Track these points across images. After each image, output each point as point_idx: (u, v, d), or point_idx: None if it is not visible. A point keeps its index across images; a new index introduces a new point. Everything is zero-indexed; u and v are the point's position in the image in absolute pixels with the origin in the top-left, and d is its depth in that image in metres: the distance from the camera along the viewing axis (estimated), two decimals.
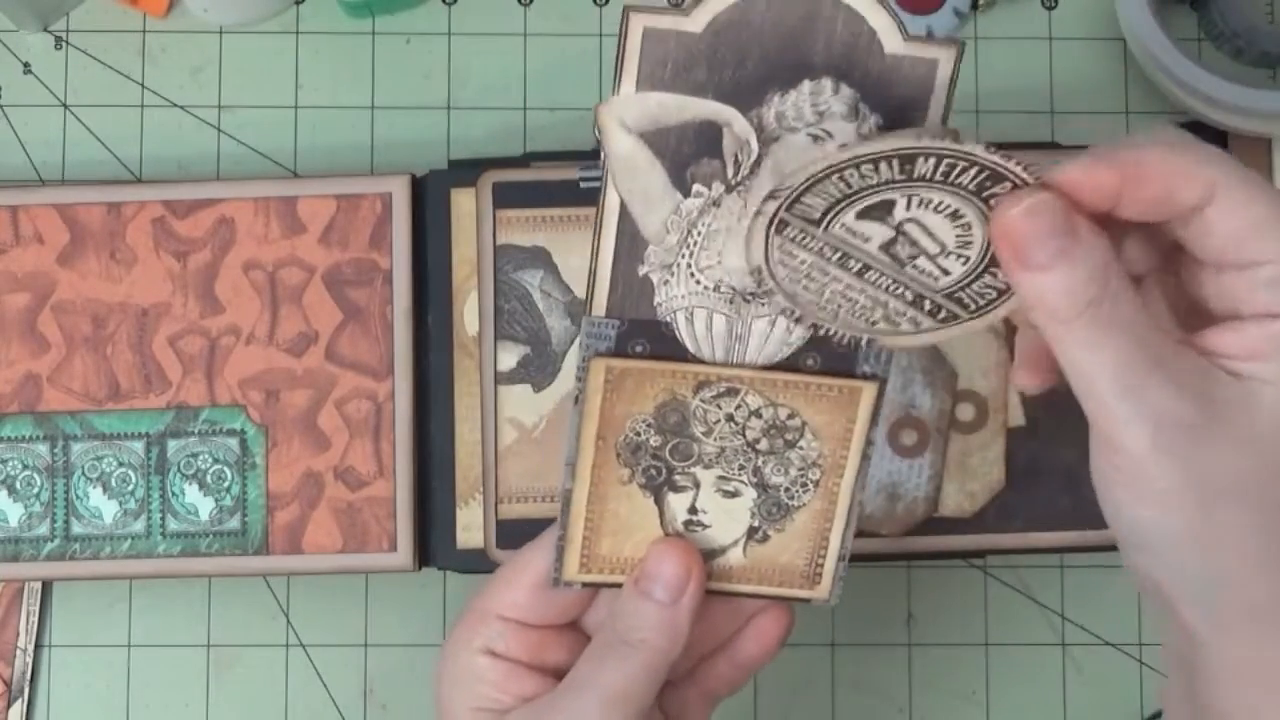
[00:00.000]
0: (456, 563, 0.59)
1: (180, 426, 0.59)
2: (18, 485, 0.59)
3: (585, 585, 0.44)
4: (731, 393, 0.42)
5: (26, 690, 0.61)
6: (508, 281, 0.58)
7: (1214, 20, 0.63)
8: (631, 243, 0.41)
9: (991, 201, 0.37)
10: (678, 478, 0.43)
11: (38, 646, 0.61)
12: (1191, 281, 0.38)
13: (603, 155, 0.40)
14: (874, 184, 0.37)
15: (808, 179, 0.37)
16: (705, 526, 0.44)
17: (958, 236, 0.38)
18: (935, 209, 0.38)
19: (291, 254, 0.59)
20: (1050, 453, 0.57)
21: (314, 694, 0.62)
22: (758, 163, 0.40)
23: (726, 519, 0.43)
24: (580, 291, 0.58)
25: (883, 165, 0.37)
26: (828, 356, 0.42)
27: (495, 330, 0.58)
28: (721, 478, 0.43)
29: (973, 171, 0.36)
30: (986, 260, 0.38)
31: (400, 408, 0.59)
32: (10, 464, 0.59)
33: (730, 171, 0.40)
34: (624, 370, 0.41)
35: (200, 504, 0.58)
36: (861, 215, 0.38)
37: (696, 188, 0.40)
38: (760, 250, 0.39)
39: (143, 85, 0.64)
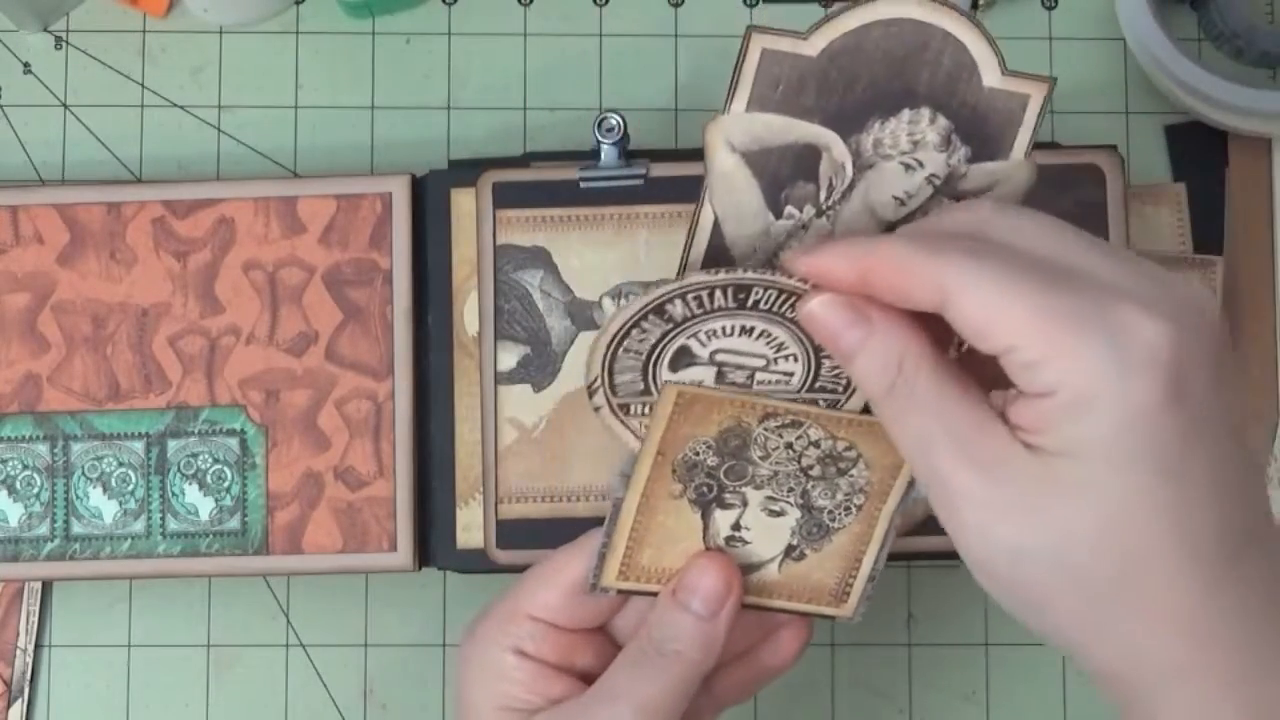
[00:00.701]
0: (456, 563, 0.58)
1: (180, 426, 0.59)
2: (18, 485, 0.59)
3: (621, 592, 0.44)
4: (795, 425, 0.42)
5: (26, 690, 0.61)
6: (508, 281, 0.58)
7: (1214, 20, 0.63)
8: (718, 259, 0.42)
9: (762, 305, 0.41)
10: (728, 496, 0.44)
11: (38, 646, 0.61)
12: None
13: (705, 169, 0.41)
14: (653, 342, 0.42)
15: (602, 362, 0.42)
16: (746, 543, 0.44)
17: (767, 344, 0.42)
18: (725, 334, 0.42)
19: (291, 254, 0.59)
20: None
21: (314, 694, 0.62)
22: (850, 188, 0.41)
23: (767, 536, 0.44)
24: (580, 292, 0.58)
25: (645, 322, 0.41)
26: None
27: (495, 330, 0.58)
28: (769, 498, 0.44)
29: (719, 293, 0.41)
30: (811, 346, 0.42)
31: (400, 408, 0.59)
32: (10, 464, 0.59)
33: (823, 195, 0.41)
34: (695, 396, 0.42)
35: (200, 504, 0.58)
36: (673, 367, 0.42)
37: (789, 210, 0.41)
38: (628, 434, 0.44)
39: (143, 85, 0.64)
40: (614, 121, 0.57)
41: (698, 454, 0.43)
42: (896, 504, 0.44)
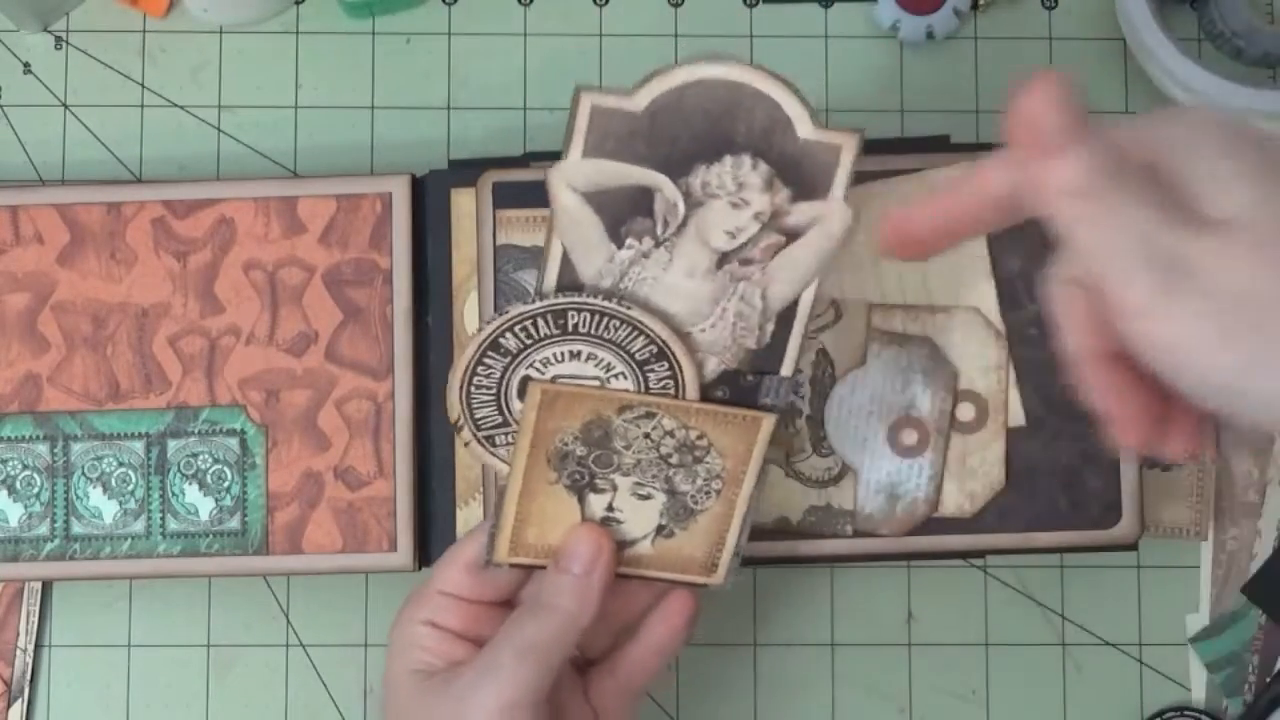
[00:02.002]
0: None
1: (180, 426, 0.59)
2: (18, 485, 0.59)
3: (513, 565, 0.50)
4: (649, 415, 0.47)
5: (26, 690, 0.61)
6: (508, 281, 0.58)
7: (1214, 20, 0.63)
8: (571, 287, 0.48)
9: (582, 330, 0.47)
10: (599, 482, 0.49)
11: (38, 646, 0.61)
12: None
13: (550, 209, 0.46)
14: (498, 375, 0.49)
15: (459, 402, 0.49)
16: (620, 522, 0.50)
17: (596, 366, 0.48)
18: (556, 360, 0.48)
19: (291, 254, 0.59)
20: (1050, 453, 0.57)
21: (314, 694, 0.62)
22: (683, 223, 0.47)
23: (638, 517, 0.50)
24: None
25: (485, 359, 0.48)
26: (735, 390, 0.48)
27: None
28: (637, 484, 0.49)
29: (542, 321, 0.47)
30: (635, 364, 0.48)
31: (400, 408, 0.59)
32: (10, 464, 0.59)
33: (660, 228, 0.47)
34: (556, 393, 0.47)
35: (200, 504, 0.58)
36: (521, 397, 0.48)
37: (629, 241, 0.47)
38: (498, 464, 0.50)
39: (143, 85, 0.64)
40: None
41: (566, 444, 0.48)
42: (752, 489, 0.49)
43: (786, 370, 0.48)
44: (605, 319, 0.47)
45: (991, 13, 0.64)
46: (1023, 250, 0.57)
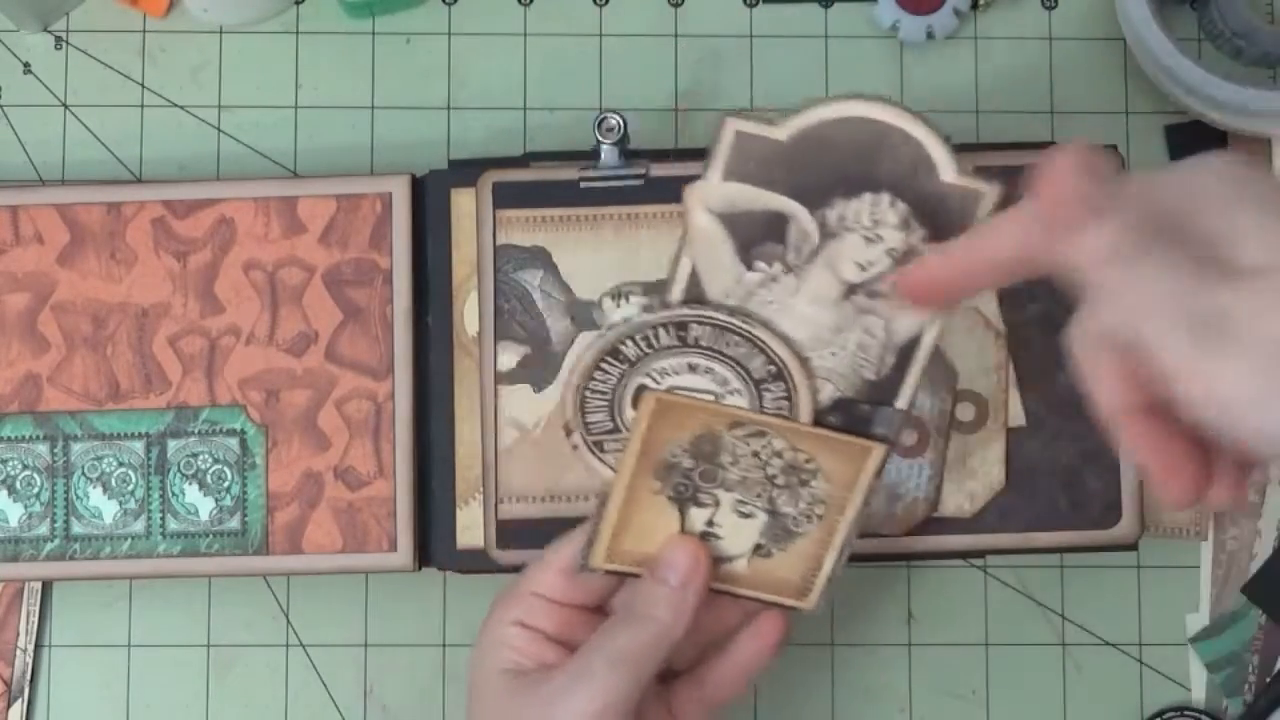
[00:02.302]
0: (456, 563, 0.59)
1: (180, 426, 0.59)
2: (18, 485, 0.59)
3: (607, 572, 0.49)
4: (760, 434, 0.47)
5: (26, 690, 0.61)
6: (508, 281, 0.58)
7: (1214, 20, 0.63)
8: (695, 300, 0.47)
9: (702, 343, 0.47)
10: (702, 495, 0.48)
11: (38, 646, 0.61)
12: None
13: (683, 227, 0.47)
14: (615, 381, 0.48)
15: (574, 404, 0.49)
16: (719, 538, 0.49)
17: (713, 380, 0.47)
18: (674, 372, 0.48)
19: (291, 254, 0.59)
20: (1050, 453, 0.57)
21: (314, 694, 0.62)
22: (815, 252, 0.46)
23: (737, 535, 0.49)
24: (580, 292, 0.58)
25: (604, 364, 0.48)
26: (849, 417, 0.47)
27: (495, 330, 0.58)
28: (740, 501, 0.48)
29: (663, 332, 0.47)
30: (752, 382, 0.47)
31: (400, 408, 0.59)
32: (10, 464, 0.59)
33: (791, 255, 0.46)
34: (670, 403, 0.47)
35: (200, 504, 0.58)
36: (635, 405, 0.48)
37: (759, 264, 0.46)
38: (604, 470, 0.49)
39: (143, 85, 0.64)
40: (614, 121, 0.57)
41: (674, 456, 0.48)
42: (854, 517, 0.48)
43: (902, 403, 0.48)
44: (726, 334, 0.47)
45: (991, 13, 0.64)
46: None
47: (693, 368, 0.48)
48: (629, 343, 0.47)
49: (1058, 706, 0.62)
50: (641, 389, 0.48)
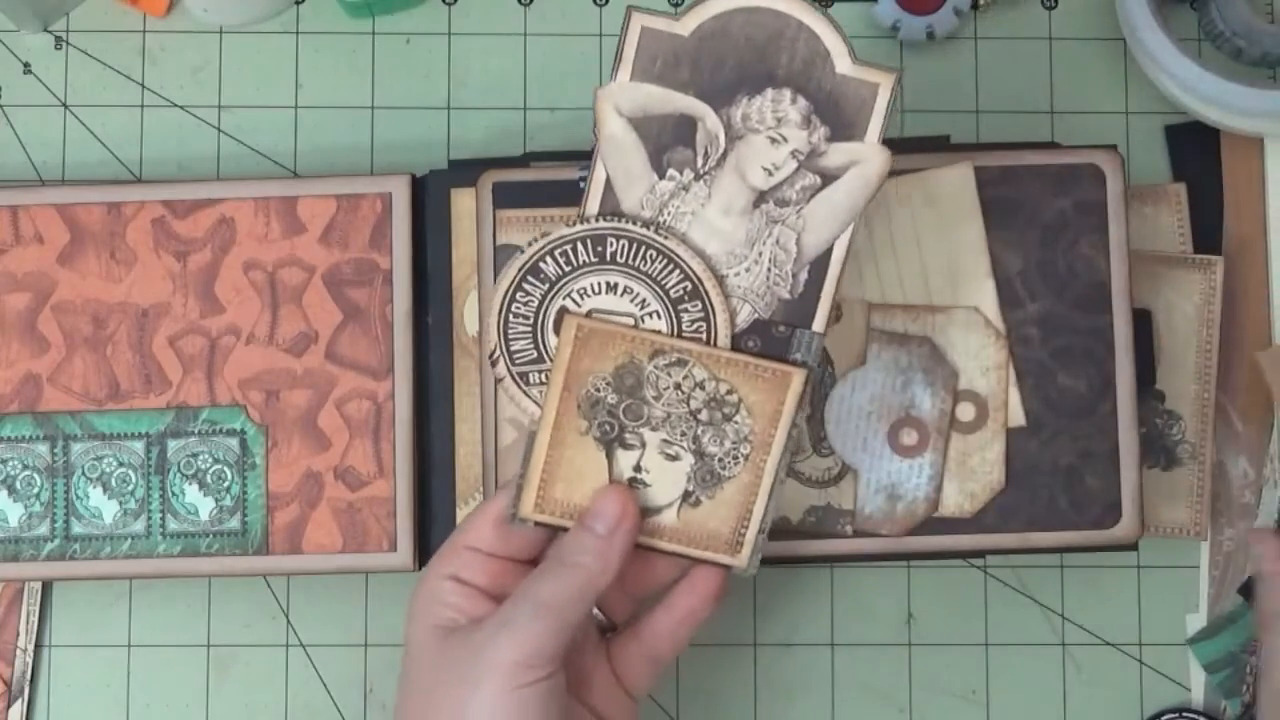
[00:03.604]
0: None
1: (180, 426, 0.59)
2: (18, 485, 0.59)
3: (537, 524, 0.50)
4: (681, 363, 0.48)
5: (26, 690, 0.61)
6: None
7: (1214, 20, 0.63)
8: (611, 212, 0.48)
9: (619, 259, 0.48)
10: (628, 435, 0.49)
11: (38, 646, 0.61)
12: None
13: (595, 134, 0.47)
14: (536, 303, 0.49)
15: (497, 329, 0.49)
16: (646, 485, 0.49)
17: (632, 301, 0.48)
18: (594, 291, 0.48)
19: (291, 254, 0.59)
20: (1050, 453, 0.57)
21: (314, 694, 0.62)
22: (723, 156, 0.47)
23: (666, 480, 0.49)
24: None
25: (524, 284, 0.49)
26: (766, 341, 0.48)
27: None
28: (665, 441, 0.49)
29: (580, 246, 0.48)
30: (669, 302, 0.48)
31: (400, 408, 0.59)
32: (10, 464, 0.59)
33: (700, 161, 0.47)
34: (591, 329, 0.48)
35: (200, 504, 0.58)
36: (557, 330, 0.48)
37: (670, 172, 0.47)
38: (530, 404, 0.50)
39: (143, 85, 0.64)
40: None
41: (598, 390, 0.48)
42: (780, 456, 0.48)
43: (818, 326, 0.48)
44: (643, 249, 0.48)
45: (991, 13, 0.64)
46: (1023, 250, 0.57)
47: (611, 287, 0.48)
48: (548, 259, 0.48)
49: (1058, 706, 0.62)
50: (563, 311, 0.48)
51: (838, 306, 0.58)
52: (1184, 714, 0.61)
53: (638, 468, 0.49)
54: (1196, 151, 0.63)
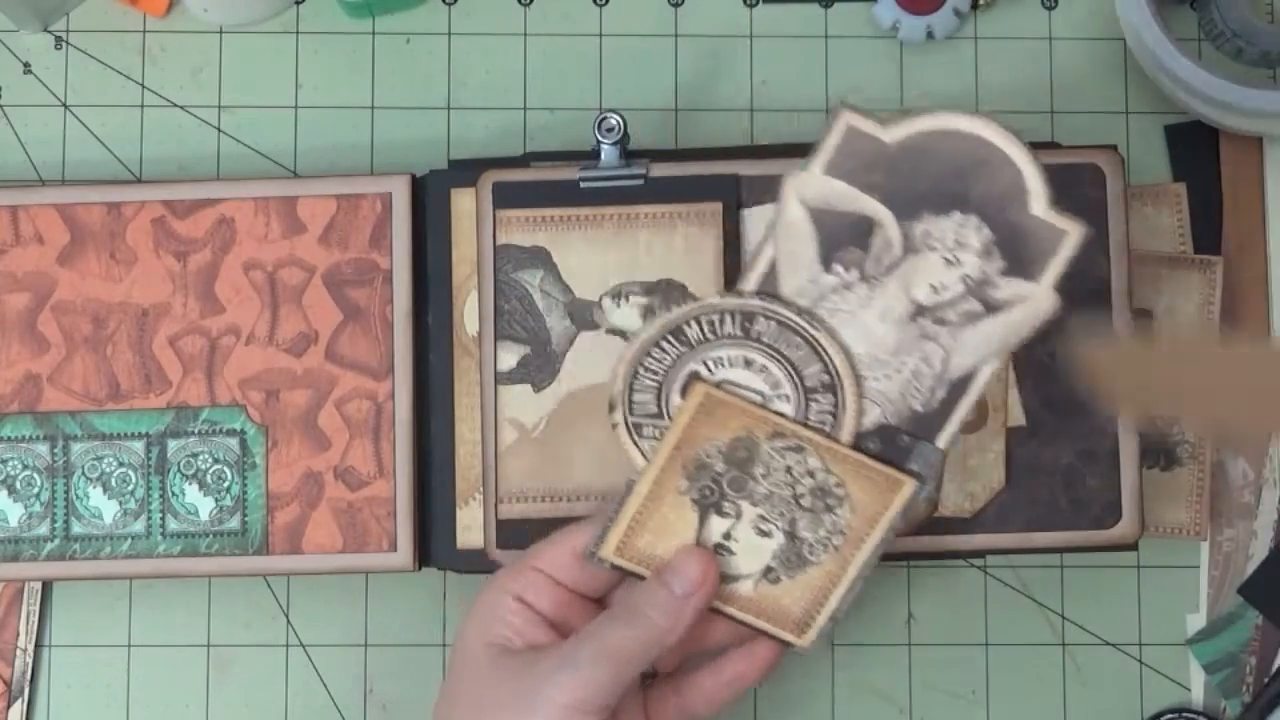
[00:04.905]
0: (456, 563, 0.59)
1: (180, 426, 0.59)
2: (18, 485, 0.59)
3: (614, 567, 0.49)
4: (798, 449, 0.48)
5: (26, 690, 0.61)
6: (508, 281, 0.58)
7: (1214, 20, 0.63)
8: (768, 293, 0.48)
9: (764, 339, 0.48)
10: (726, 504, 0.49)
11: (38, 646, 0.61)
12: None
13: (776, 213, 0.47)
14: (670, 363, 0.48)
15: (625, 379, 0.48)
16: (732, 554, 0.49)
17: (765, 380, 0.48)
18: (729, 364, 0.48)
19: (291, 254, 0.59)
20: (1050, 453, 0.57)
21: (314, 694, 0.62)
22: (894, 265, 0.47)
23: (751, 553, 0.49)
24: (580, 292, 0.58)
25: (664, 343, 0.48)
26: (887, 446, 0.48)
27: (495, 330, 0.58)
28: (762, 517, 0.48)
29: (729, 319, 0.48)
30: (803, 389, 0.48)
31: (400, 408, 0.59)
32: (10, 464, 0.59)
33: (870, 264, 0.47)
34: (718, 401, 0.48)
35: (200, 504, 0.58)
36: (684, 394, 0.48)
37: (836, 268, 0.47)
38: (636, 454, 0.49)
39: (143, 85, 0.64)
40: (614, 121, 0.57)
41: (709, 456, 0.48)
42: (870, 555, 0.48)
43: (943, 442, 0.48)
44: (790, 334, 0.47)
45: (991, 13, 0.64)
46: None
47: (749, 363, 0.48)
48: (693, 324, 0.48)
49: (1058, 706, 0.62)
50: (694, 376, 0.48)
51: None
52: (1184, 714, 0.61)
53: (727, 535, 0.49)
54: (1196, 151, 0.63)
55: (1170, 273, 0.61)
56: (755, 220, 0.58)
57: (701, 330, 0.48)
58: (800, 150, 0.48)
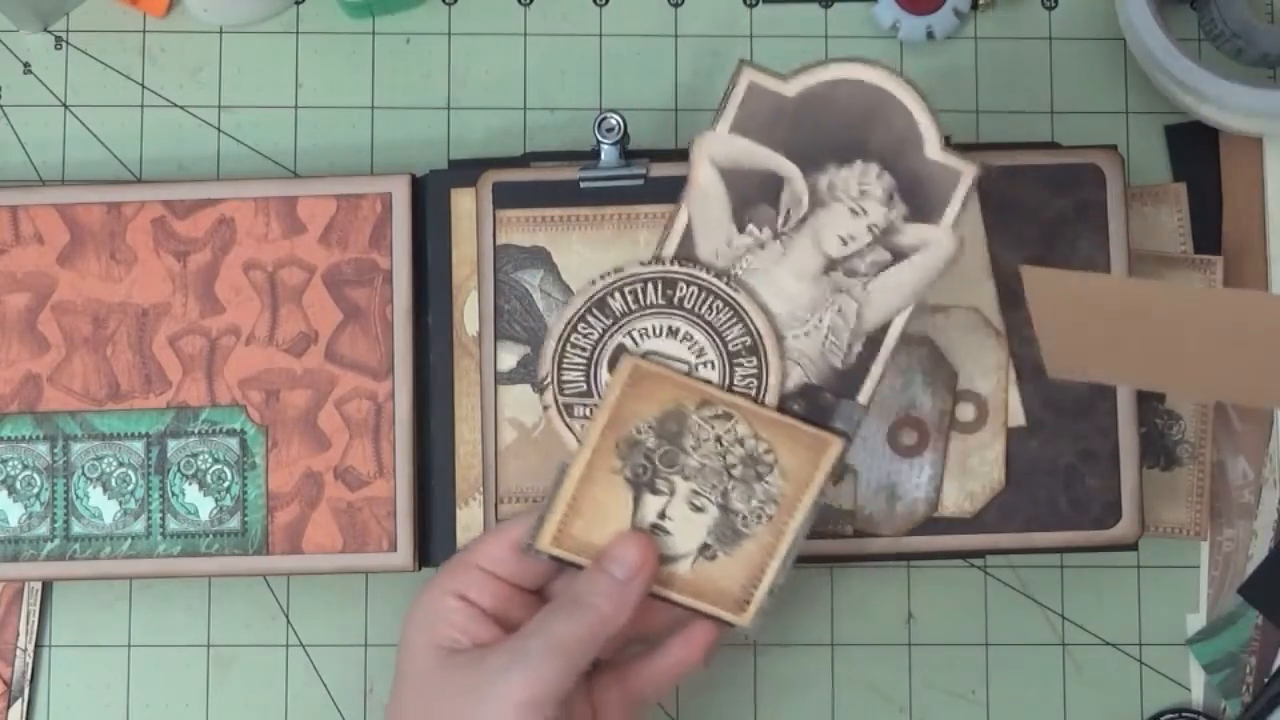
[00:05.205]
0: None
1: (180, 426, 0.59)
2: (18, 485, 0.59)
3: (552, 558, 0.49)
4: (726, 416, 0.48)
5: (26, 690, 0.61)
6: (508, 281, 0.58)
7: (1214, 20, 0.63)
8: (686, 258, 0.49)
9: (686, 305, 0.48)
10: (659, 481, 0.49)
11: (38, 646, 0.61)
12: None
13: (688, 177, 0.48)
14: (596, 337, 0.49)
15: (553, 357, 0.49)
16: (667, 533, 0.49)
17: (690, 348, 0.48)
18: (654, 334, 0.49)
19: (291, 254, 0.59)
20: (1050, 453, 0.57)
21: (314, 694, 0.62)
22: (803, 220, 0.48)
23: (687, 531, 0.49)
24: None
25: (589, 317, 0.49)
26: (811, 407, 0.48)
27: (495, 330, 0.58)
28: (695, 491, 0.49)
29: (650, 288, 0.48)
30: (726, 355, 0.48)
31: (400, 408, 0.59)
32: (10, 464, 0.59)
33: (780, 221, 0.48)
34: (646, 371, 0.48)
35: (200, 504, 0.58)
36: (611, 368, 0.49)
37: (750, 227, 0.48)
38: (569, 437, 0.50)
39: (143, 85, 0.64)
40: (614, 121, 0.57)
41: (640, 432, 0.48)
42: (802, 521, 0.49)
43: (863, 398, 0.48)
44: (711, 298, 0.48)
45: (991, 13, 0.64)
46: (1022, 250, 0.57)
47: (673, 331, 0.49)
48: (616, 295, 0.49)
49: (1058, 706, 0.62)
50: (621, 349, 0.49)
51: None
52: (1184, 714, 0.61)
53: (662, 515, 0.49)
54: (1196, 151, 0.63)
55: (1170, 273, 0.61)
56: None
57: (625, 301, 0.49)
58: None
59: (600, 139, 0.57)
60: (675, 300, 0.48)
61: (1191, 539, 0.62)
